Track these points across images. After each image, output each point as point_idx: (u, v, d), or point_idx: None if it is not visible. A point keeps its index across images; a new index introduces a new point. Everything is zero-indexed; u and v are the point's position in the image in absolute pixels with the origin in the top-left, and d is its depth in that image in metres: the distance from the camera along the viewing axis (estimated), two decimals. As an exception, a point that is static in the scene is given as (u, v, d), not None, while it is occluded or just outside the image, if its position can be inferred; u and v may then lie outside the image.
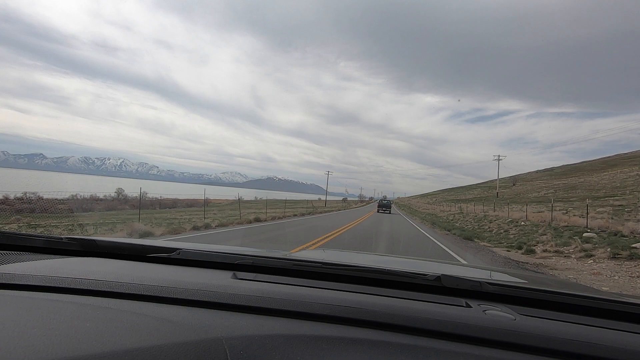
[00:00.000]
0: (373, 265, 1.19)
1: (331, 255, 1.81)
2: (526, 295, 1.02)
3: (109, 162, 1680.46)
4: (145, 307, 0.77)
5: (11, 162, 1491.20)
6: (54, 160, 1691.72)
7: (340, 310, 0.81)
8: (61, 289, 0.83)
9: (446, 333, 0.76)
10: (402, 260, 2.01)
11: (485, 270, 2.12)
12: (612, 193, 32.27)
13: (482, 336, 0.76)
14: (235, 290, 0.86)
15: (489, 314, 0.87)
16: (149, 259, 1.18)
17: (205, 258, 1.17)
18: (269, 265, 1.14)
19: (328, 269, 1.10)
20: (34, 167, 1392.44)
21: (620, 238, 10.61)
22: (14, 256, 1.05)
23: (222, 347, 0.63)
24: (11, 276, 0.85)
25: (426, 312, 0.83)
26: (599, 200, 26.74)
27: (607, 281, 6.96)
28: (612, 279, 7.10)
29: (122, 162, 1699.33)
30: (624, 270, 7.74)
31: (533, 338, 0.76)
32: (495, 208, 28.76)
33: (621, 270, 7.70)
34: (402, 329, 0.77)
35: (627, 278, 7.13)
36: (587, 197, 25.79)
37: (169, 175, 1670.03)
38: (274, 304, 0.82)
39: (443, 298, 0.96)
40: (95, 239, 1.23)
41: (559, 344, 0.74)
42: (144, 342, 0.59)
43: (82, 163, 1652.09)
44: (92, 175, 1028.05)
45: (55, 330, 0.60)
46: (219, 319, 0.74)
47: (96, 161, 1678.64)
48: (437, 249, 10.70)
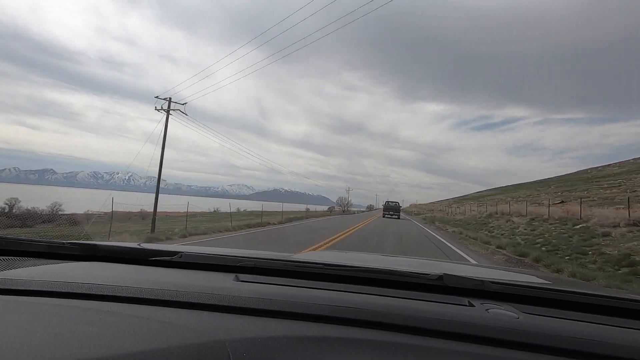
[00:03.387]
0: (375, 266, 1.19)
1: (333, 257, 1.79)
2: (529, 294, 1.00)
3: (118, 177, 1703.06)
4: (147, 310, 0.78)
5: (22, 177, 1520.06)
6: (64, 175, 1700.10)
7: (343, 311, 0.81)
8: (64, 293, 0.83)
9: (449, 332, 0.76)
10: (404, 260, 1.99)
11: (487, 269, 2.16)
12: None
13: (485, 335, 0.75)
14: (237, 292, 0.86)
15: (492, 312, 0.86)
16: (151, 262, 1.18)
17: (207, 261, 1.17)
18: (270, 267, 1.14)
19: (330, 270, 1.10)
20: (44, 183, 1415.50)
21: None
22: (17, 262, 1.06)
23: (224, 349, 0.63)
24: (14, 281, 0.86)
25: (429, 311, 0.83)
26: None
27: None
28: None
29: (131, 176, 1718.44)
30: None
31: (537, 336, 0.75)
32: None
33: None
34: (405, 329, 0.77)
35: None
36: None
37: (177, 189, 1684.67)
38: (276, 305, 0.82)
39: (446, 297, 0.96)
40: (97, 244, 1.23)
41: (562, 342, 0.74)
42: (147, 346, 0.60)
43: (91, 178, 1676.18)
44: (101, 190, 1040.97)
45: (58, 335, 0.60)
46: (222, 322, 0.74)
47: (105, 175, 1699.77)
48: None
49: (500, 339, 0.74)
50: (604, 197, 25.13)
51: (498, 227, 20.01)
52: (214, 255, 1.20)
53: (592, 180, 43.87)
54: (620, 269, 8.25)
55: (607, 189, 30.64)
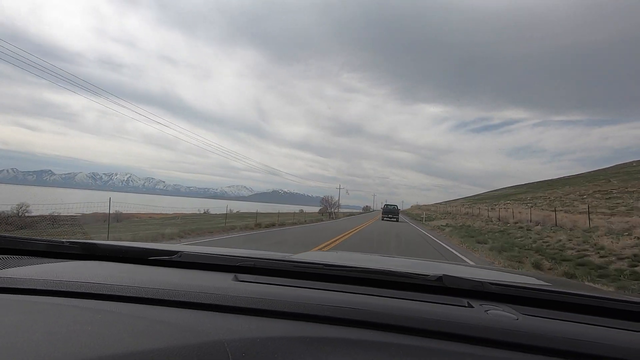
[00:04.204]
0: (374, 267, 1.18)
1: (332, 257, 1.79)
2: (528, 295, 1.00)
3: (116, 178, 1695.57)
4: (146, 310, 0.77)
5: (20, 179, 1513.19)
6: (62, 176, 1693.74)
7: (342, 311, 0.81)
8: (63, 292, 0.83)
9: (448, 333, 0.76)
10: (403, 260, 1.98)
11: (486, 270, 2.18)
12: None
13: (484, 336, 0.75)
14: (236, 292, 0.86)
15: (491, 313, 0.86)
16: (150, 261, 1.18)
17: (207, 260, 1.17)
18: (270, 267, 1.13)
19: (329, 271, 1.09)
20: (42, 184, 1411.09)
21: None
22: (16, 260, 1.05)
23: (223, 349, 0.63)
24: (13, 280, 0.86)
25: (428, 312, 0.83)
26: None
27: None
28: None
29: (129, 177, 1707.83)
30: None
31: (535, 338, 0.75)
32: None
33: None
34: (404, 330, 0.77)
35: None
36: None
37: (176, 190, 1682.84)
38: (276, 305, 0.81)
39: (445, 298, 0.95)
40: (96, 243, 1.23)
41: (561, 343, 0.74)
42: (146, 346, 0.59)
43: (90, 179, 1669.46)
44: (100, 191, 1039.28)
45: (57, 334, 0.60)
46: (221, 322, 0.74)
47: (104, 177, 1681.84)
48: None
49: (500, 340, 0.74)
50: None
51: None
52: (214, 255, 1.20)
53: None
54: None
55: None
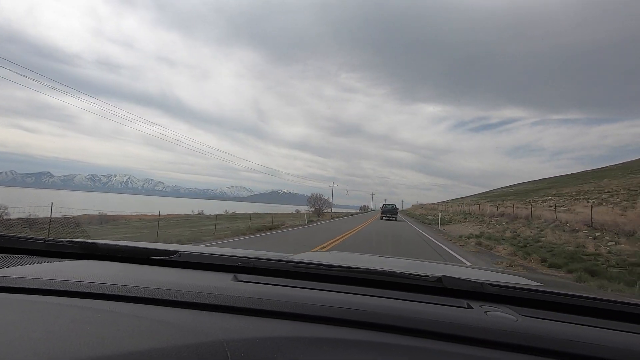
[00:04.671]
0: (374, 267, 1.18)
1: (332, 258, 1.78)
2: (528, 296, 1.00)
3: (115, 179, 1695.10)
4: (145, 309, 0.77)
5: (19, 181, 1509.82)
6: (61, 178, 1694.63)
7: (342, 312, 0.80)
8: (62, 292, 0.83)
9: (447, 334, 0.76)
10: (403, 261, 1.99)
11: (486, 271, 2.16)
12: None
13: (483, 337, 0.75)
14: (236, 292, 0.86)
15: (490, 315, 0.86)
16: (150, 261, 1.18)
17: (206, 260, 1.16)
18: (269, 267, 1.13)
19: (329, 271, 1.09)
20: (41, 186, 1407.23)
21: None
22: (15, 259, 1.05)
23: (223, 349, 0.63)
24: (12, 279, 0.85)
25: (427, 313, 0.83)
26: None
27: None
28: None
29: (128, 178, 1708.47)
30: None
31: (535, 339, 0.75)
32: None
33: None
34: (404, 331, 0.77)
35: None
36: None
37: (175, 191, 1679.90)
38: (275, 306, 0.81)
39: (444, 299, 0.95)
40: (96, 242, 1.23)
41: (560, 345, 0.74)
42: (145, 345, 0.59)
43: (89, 180, 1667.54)
44: (98, 193, 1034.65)
45: (56, 334, 0.60)
46: (220, 322, 0.74)
47: (102, 178, 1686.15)
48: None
49: (499, 342, 0.74)
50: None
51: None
52: (213, 255, 1.20)
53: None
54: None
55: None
